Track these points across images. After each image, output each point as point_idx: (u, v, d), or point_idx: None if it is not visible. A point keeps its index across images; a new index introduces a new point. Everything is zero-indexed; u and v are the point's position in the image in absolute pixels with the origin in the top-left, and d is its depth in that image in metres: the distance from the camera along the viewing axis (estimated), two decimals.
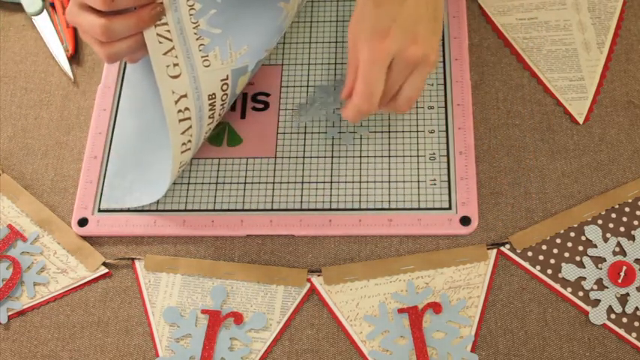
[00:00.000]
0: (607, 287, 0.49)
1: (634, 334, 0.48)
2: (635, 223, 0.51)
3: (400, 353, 0.49)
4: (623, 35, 0.61)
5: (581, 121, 0.58)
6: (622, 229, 0.50)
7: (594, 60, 0.60)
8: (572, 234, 0.50)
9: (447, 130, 0.57)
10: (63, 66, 0.64)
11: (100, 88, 0.61)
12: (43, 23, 0.66)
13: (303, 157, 0.57)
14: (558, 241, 0.50)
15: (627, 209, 0.51)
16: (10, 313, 0.52)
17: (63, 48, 0.64)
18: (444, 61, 0.60)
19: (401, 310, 0.50)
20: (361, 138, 0.57)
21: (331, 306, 0.51)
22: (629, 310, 0.49)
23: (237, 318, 0.50)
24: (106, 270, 0.53)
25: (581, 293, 0.49)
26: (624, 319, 0.49)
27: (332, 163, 0.56)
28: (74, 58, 0.64)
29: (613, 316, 0.49)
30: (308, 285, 0.51)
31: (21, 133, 0.61)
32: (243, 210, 0.55)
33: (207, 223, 0.54)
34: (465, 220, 0.53)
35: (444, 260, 0.51)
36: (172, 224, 0.55)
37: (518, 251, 0.49)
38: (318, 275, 0.52)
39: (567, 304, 0.50)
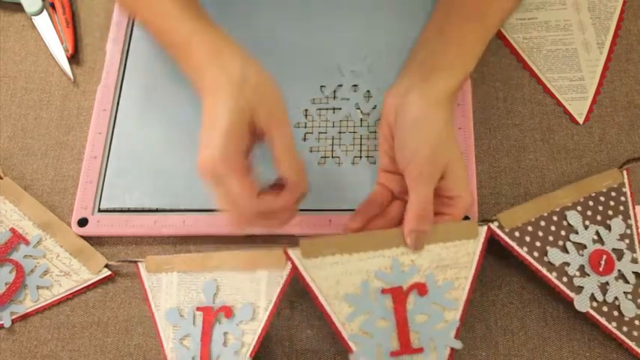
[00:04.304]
0: (589, 275, 0.49)
1: (614, 324, 0.48)
2: (610, 213, 0.51)
3: (381, 336, 0.46)
4: (623, 35, 0.61)
5: (581, 121, 0.58)
6: (599, 217, 0.51)
7: (594, 60, 0.60)
8: (555, 217, 0.50)
9: None
10: (63, 66, 0.64)
11: (100, 88, 0.61)
12: (43, 23, 0.66)
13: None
14: (543, 223, 0.49)
15: (602, 198, 0.51)
16: (13, 317, 0.52)
17: (63, 48, 0.64)
18: None
19: (385, 291, 0.47)
20: (361, 138, 0.57)
21: (309, 282, 0.47)
22: (609, 299, 0.49)
23: (227, 312, 0.49)
24: (109, 272, 0.53)
25: (565, 279, 0.49)
26: (604, 308, 0.49)
27: (332, 163, 0.57)
28: (74, 58, 0.64)
29: (595, 304, 0.49)
30: (290, 266, 0.48)
31: (21, 133, 0.61)
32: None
33: (208, 223, 0.54)
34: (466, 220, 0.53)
35: (432, 236, 0.48)
36: (172, 224, 0.55)
37: (507, 230, 0.49)
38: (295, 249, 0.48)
39: (566, 302, 0.50)
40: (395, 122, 0.49)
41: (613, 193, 0.52)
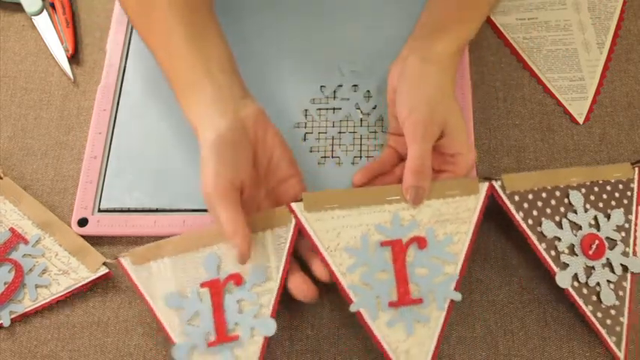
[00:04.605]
0: (577, 255, 0.49)
1: (590, 307, 0.49)
2: (613, 203, 0.51)
3: (380, 288, 0.47)
4: (623, 35, 0.61)
5: (581, 121, 0.58)
6: (601, 204, 0.51)
7: (594, 60, 0.60)
8: (558, 193, 0.50)
9: None
10: (63, 66, 0.64)
11: (100, 88, 0.61)
12: (43, 23, 0.66)
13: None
14: (544, 195, 0.50)
15: (609, 188, 0.52)
16: (12, 316, 0.52)
17: (63, 48, 0.64)
18: None
19: (384, 243, 0.48)
20: (361, 138, 0.57)
21: (311, 235, 0.48)
22: (591, 283, 0.49)
23: (237, 279, 0.48)
24: (107, 270, 0.53)
25: (553, 252, 0.49)
26: (584, 290, 0.49)
27: (332, 163, 0.57)
28: (74, 58, 0.64)
29: (576, 284, 0.49)
30: (293, 222, 0.48)
31: (21, 133, 0.61)
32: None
33: (207, 223, 0.54)
34: None
35: (433, 191, 0.48)
36: (172, 224, 0.55)
37: (507, 192, 0.49)
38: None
39: (566, 302, 0.50)
40: (398, 84, 0.51)
41: (620, 186, 0.52)
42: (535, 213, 0.49)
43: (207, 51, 0.50)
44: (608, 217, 0.51)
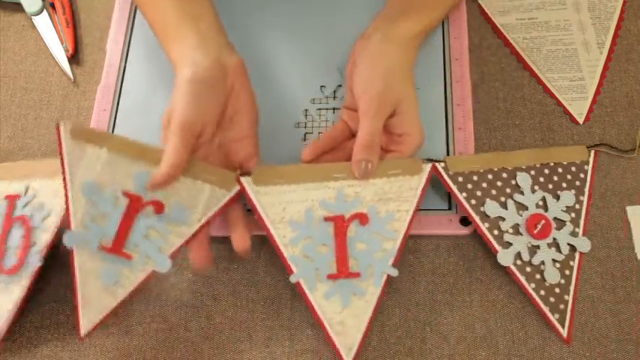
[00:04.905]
0: (521, 234, 0.50)
1: (532, 285, 0.49)
2: (564, 185, 0.52)
3: (321, 261, 0.48)
4: (623, 35, 0.61)
5: (581, 121, 0.58)
6: (550, 186, 0.51)
7: (594, 60, 0.60)
8: (505, 175, 0.51)
9: (447, 131, 0.57)
10: (63, 66, 0.64)
11: (100, 88, 0.61)
12: (43, 23, 0.66)
13: None
14: (490, 177, 0.51)
15: (560, 170, 0.52)
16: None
17: (63, 48, 0.64)
18: (444, 61, 0.60)
19: (327, 219, 0.49)
20: None
21: (258, 208, 0.49)
22: (535, 261, 0.50)
23: (158, 207, 0.48)
24: None
25: (496, 232, 0.50)
26: (528, 269, 0.50)
27: None
28: (74, 58, 0.64)
29: (519, 262, 0.50)
30: (237, 188, 0.49)
31: (21, 133, 0.61)
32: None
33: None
34: (465, 221, 0.53)
35: (377, 170, 0.50)
36: None
37: (451, 173, 0.50)
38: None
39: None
40: (356, 59, 0.52)
41: (573, 168, 0.53)
42: (479, 193, 0.50)
43: (194, 11, 0.51)
44: (557, 198, 0.51)
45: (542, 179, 0.51)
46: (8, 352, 0.52)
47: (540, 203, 0.51)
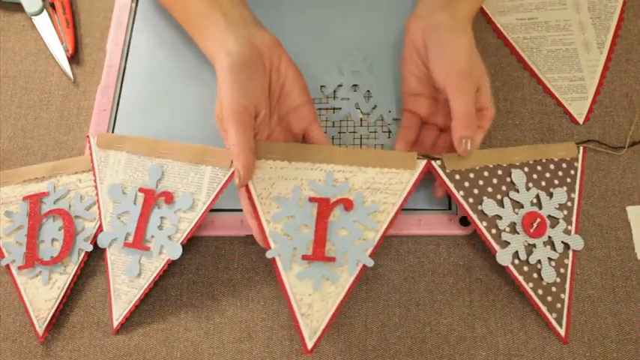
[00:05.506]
0: (518, 233, 0.50)
1: (530, 284, 0.49)
2: (556, 182, 0.52)
3: (300, 240, 0.48)
4: (623, 35, 0.61)
5: (581, 121, 0.58)
6: (543, 183, 0.52)
7: (594, 60, 0.60)
8: (500, 172, 0.51)
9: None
10: (63, 66, 0.64)
11: (100, 88, 0.61)
12: (43, 23, 0.66)
13: None
14: (485, 174, 0.50)
15: (552, 166, 0.52)
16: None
17: (63, 48, 0.64)
18: None
19: (312, 199, 0.49)
20: (361, 138, 0.57)
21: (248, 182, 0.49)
22: (532, 260, 0.50)
23: (168, 197, 0.51)
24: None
25: (494, 231, 0.50)
26: (525, 268, 0.50)
27: None
28: (74, 58, 0.64)
29: (517, 261, 0.50)
30: (232, 169, 0.50)
31: (21, 133, 0.61)
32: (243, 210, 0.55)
33: (207, 223, 0.54)
34: (465, 221, 0.53)
35: (370, 160, 0.50)
36: None
37: (448, 171, 0.50)
38: None
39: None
40: (425, 40, 0.52)
41: (564, 165, 0.53)
42: (476, 191, 0.50)
43: None
44: (551, 195, 0.51)
45: (535, 176, 0.52)
46: (9, 352, 0.52)
47: (534, 201, 0.51)
